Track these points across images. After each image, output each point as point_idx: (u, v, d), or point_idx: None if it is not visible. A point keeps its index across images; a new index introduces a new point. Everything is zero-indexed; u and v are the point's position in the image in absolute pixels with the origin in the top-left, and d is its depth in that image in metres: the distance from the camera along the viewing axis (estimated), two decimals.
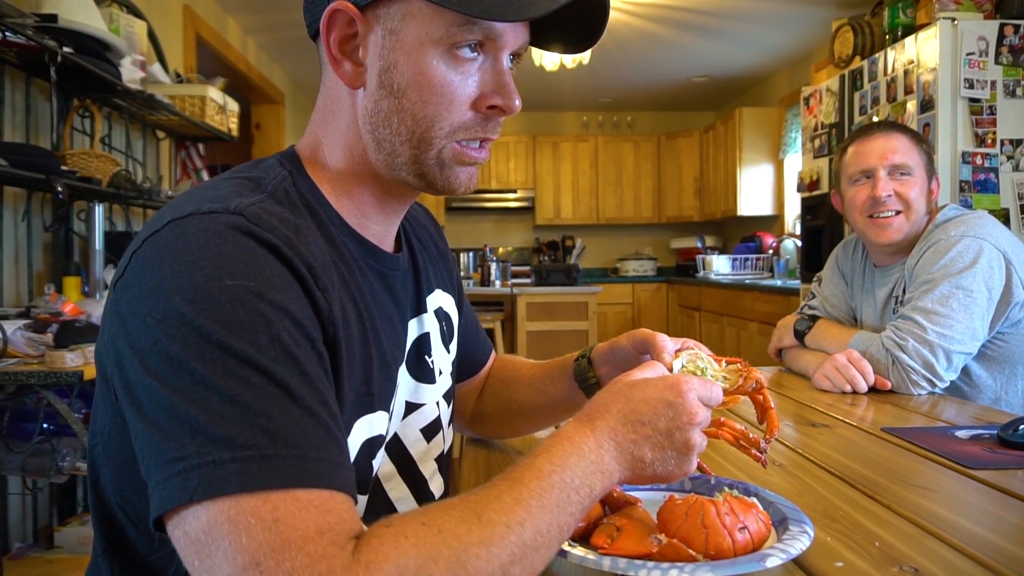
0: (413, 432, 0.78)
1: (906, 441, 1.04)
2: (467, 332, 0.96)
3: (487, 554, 0.50)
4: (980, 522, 0.74)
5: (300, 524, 0.47)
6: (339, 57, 0.67)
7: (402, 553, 0.47)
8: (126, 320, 0.55)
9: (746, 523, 0.61)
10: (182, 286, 0.53)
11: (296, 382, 0.52)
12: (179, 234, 0.56)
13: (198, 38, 3.68)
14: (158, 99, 2.61)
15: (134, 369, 0.54)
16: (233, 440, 0.48)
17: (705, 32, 4.51)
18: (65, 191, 2.03)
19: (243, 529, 0.46)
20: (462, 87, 0.66)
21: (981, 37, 2.58)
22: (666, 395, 0.62)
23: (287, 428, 0.50)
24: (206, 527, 0.47)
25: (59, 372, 1.68)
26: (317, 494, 0.49)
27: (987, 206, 2.57)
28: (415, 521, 0.50)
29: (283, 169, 0.68)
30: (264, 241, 0.56)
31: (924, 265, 1.44)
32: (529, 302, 4.98)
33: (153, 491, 0.50)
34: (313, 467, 0.49)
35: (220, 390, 0.50)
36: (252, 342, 0.52)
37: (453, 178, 0.69)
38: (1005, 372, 1.45)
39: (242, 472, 0.47)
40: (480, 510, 0.52)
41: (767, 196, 5.46)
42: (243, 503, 0.47)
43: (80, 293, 2.26)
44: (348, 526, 0.49)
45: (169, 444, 0.50)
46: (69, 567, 2.00)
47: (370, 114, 0.67)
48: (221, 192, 0.60)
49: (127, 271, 0.58)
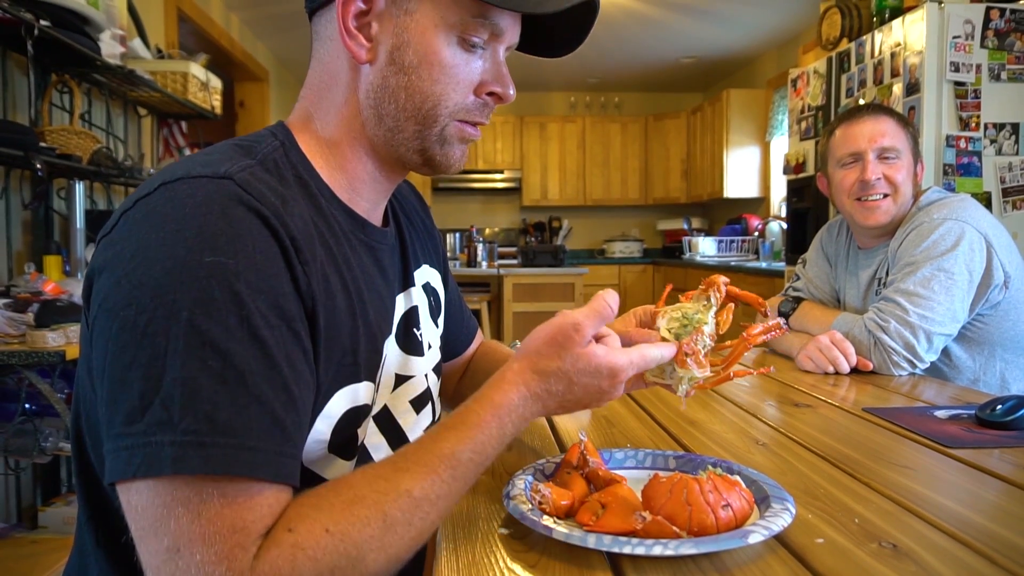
0: (402, 404, 0.79)
1: (886, 421, 1.05)
2: (452, 310, 0.96)
3: (384, 556, 0.55)
4: (957, 499, 0.75)
5: (219, 519, 0.50)
6: (352, 31, 0.68)
7: (297, 570, 0.51)
8: (100, 274, 0.57)
9: (729, 501, 0.62)
10: (163, 255, 0.54)
11: (256, 366, 0.54)
12: (168, 198, 0.57)
13: (180, 13, 3.61)
14: (139, 75, 2.56)
15: (101, 329, 0.55)
16: (176, 424, 0.51)
17: (693, 12, 4.49)
18: (44, 168, 2.00)
19: (173, 516, 0.50)
20: (467, 72, 0.69)
21: (967, 20, 2.59)
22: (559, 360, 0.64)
23: (231, 416, 0.52)
24: (146, 504, 0.51)
25: (40, 352, 1.67)
26: (245, 486, 0.52)
27: (970, 189, 2.60)
28: (319, 527, 0.53)
29: (275, 140, 0.68)
30: (252, 208, 0.57)
31: (907, 247, 1.46)
32: (515, 283, 4.98)
33: (107, 458, 0.53)
34: (247, 457, 0.52)
35: (176, 369, 0.51)
36: (220, 321, 0.53)
37: (451, 154, 0.72)
38: (984, 353, 1.47)
39: (179, 456, 0.50)
40: (386, 506, 0.55)
41: (753, 178, 5.47)
42: (177, 487, 0.50)
43: (61, 272, 2.23)
44: (264, 523, 0.52)
45: (121, 415, 0.52)
46: (54, 547, 1.99)
47: (376, 89, 0.69)
48: (212, 158, 0.61)
49: (115, 230, 0.58)
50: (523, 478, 0.72)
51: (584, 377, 0.64)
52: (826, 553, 0.61)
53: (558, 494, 0.66)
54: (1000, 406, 1.01)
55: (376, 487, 0.56)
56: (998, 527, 0.67)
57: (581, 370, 0.64)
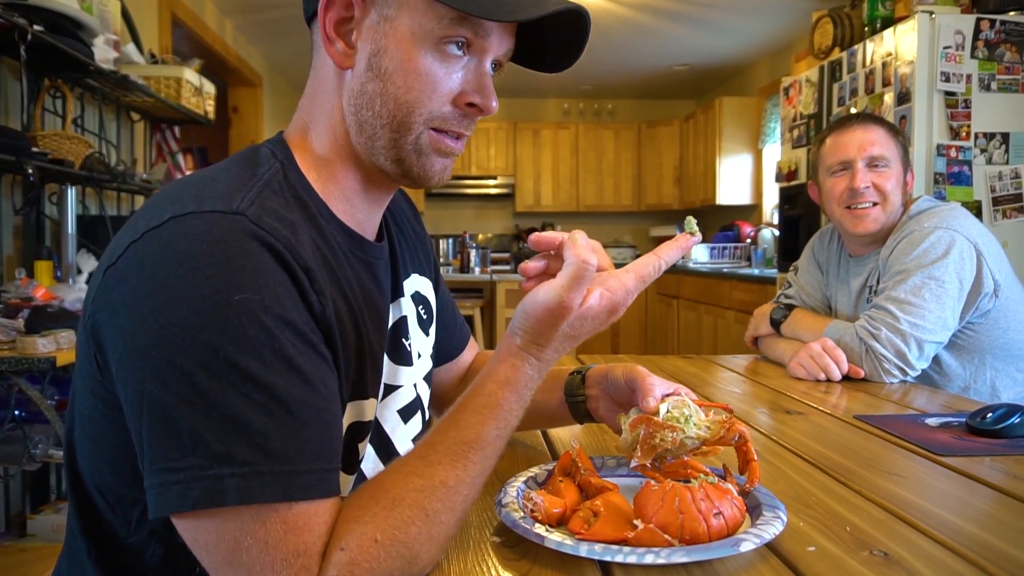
0: (390, 413, 0.80)
1: (878, 428, 1.06)
2: (444, 317, 0.96)
3: (436, 546, 0.58)
4: (948, 507, 0.76)
5: (284, 546, 0.54)
6: (333, 36, 0.69)
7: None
8: (119, 312, 0.57)
9: (721, 509, 0.62)
10: (189, 295, 0.54)
11: (298, 393, 0.56)
12: (182, 234, 0.57)
13: (174, 18, 3.61)
14: (132, 80, 2.55)
15: (132, 368, 0.55)
16: (233, 457, 0.53)
17: (687, 21, 4.51)
18: (36, 173, 1.99)
19: (243, 548, 0.53)
20: (445, 80, 0.68)
21: (958, 31, 2.61)
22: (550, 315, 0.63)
23: (283, 445, 0.54)
24: (216, 538, 0.54)
25: (31, 358, 1.66)
26: (303, 509, 0.55)
27: (960, 198, 2.61)
28: (367, 539, 0.55)
29: (275, 161, 0.68)
30: (266, 244, 0.58)
31: (898, 256, 1.47)
32: (508, 289, 4.98)
33: (151, 491, 0.54)
34: (303, 481, 0.55)
35: (223, 406, 0.53)
36: (257, 357, 0.54)
37: (428, 166, 0.71)
38: (974, 361, 1.48)
39: (240, 487, 0.53)
40: (425, 502, 0.58)
41: (746, 185, 5.50)
42: (242, 518, 0.53)
43: (52, 278, 2.22)
44: (322, 541, 0.55)
45: (168, 451, 0.53)
46: (42, 555, 1.97)
47: (355, 95, 0.69)
48: (220, 187, 0.61)
49: (121, 260, 0.58)
50: (515, 486, 0.72)
51: (587, 323, 0.65)
52: (817, 561, 0.61)
53: (550, 502, 0.66)
54: (991, 414, 1.02)
55: (411, 485, 0.58)
56: (989, 535, 0.67)
57: (582, 322, 0.64)
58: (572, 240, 0.63)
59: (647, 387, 0.75)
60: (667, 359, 1.73)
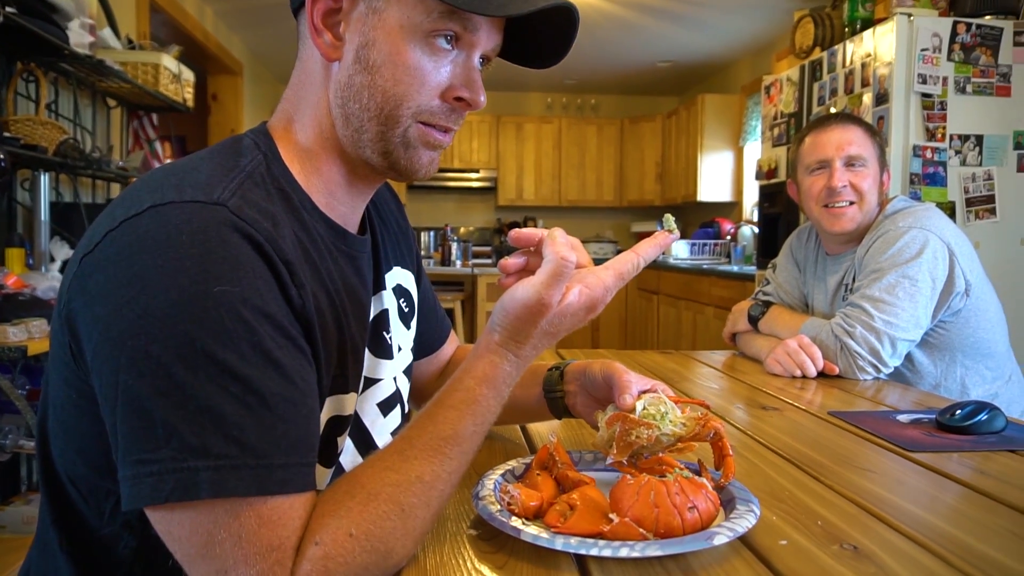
0: (370, 406, 0.79)
1: (851, 424, 1.07)
2: (424, 309, 0.96)
3: (410, 540, 0.58)
4: (917, 502, 0.77)
5: (257, 539, 0.53)
6: (320, 28, 0.68)
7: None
8: (95, 301, 0.56)
9: (695, 503, 0.63)
10: (167, 285, 0.54)
11: (275, 386, 0.55)
12: (161, 223, 0.56)
13: (152, 3, 3.54)
14: (108, 65, 2.51)
15: (107, 358, 0.55)
16: (208, 449, 0.52)
17: (671, 17, 4.53)
18: (7, 159, 1.95)
19: (216, 541, 0.53)
20: (434, 74, 0.68)
21: (935, 34, 2.65)
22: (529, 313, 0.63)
23: (258, 438, 0.54)
24: (189, 531, 0.53)
25: (1, 347, 1.63)
26: (278, 503, 0.54)
27: (935, 199, 2.66)
28: (342, 533, 0.55)
29: (258, 152, 0.68)
30: (246, 235, 0.57)
31: (873, 255, 1.49)
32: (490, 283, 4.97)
33: (124, 482, 0.54)
34: (278, 475, 0.54)
35: (199, 398, 0.52)
36: (235, 349, 0.54)
37: (416, 159, 0.71)
38: (945, 359, 1.51)
39: (214, 480, 0.52)
40: (401, 497, 0.58)
41: (726, 183, 5.54)
42: (216, 511, 0.53)
43: (24, 266, 2.18)
44: (296, 536, 0.55)
45: (142, 442, 0.53)
46: (13, 547, 1.94)
47: (342, 88, 0.69)
48: (200, 177, 0.60)
49: (98, 248, 0.57)
50: (493, 479, 0.73)
51: (566, 320, 0.65)
52: (789, 555, 0.62)
53: (527, 495, 0.67)
54: (959, 411, 1.04)
55: (387, 480, 0.58)
56: (955, 530, 0.69)
57: (560, 320, 0.64)
58: (551, 237, 0.63)
59: (624, 384, 0.76)
60: (646, 354, 1.74)
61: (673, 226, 0.72)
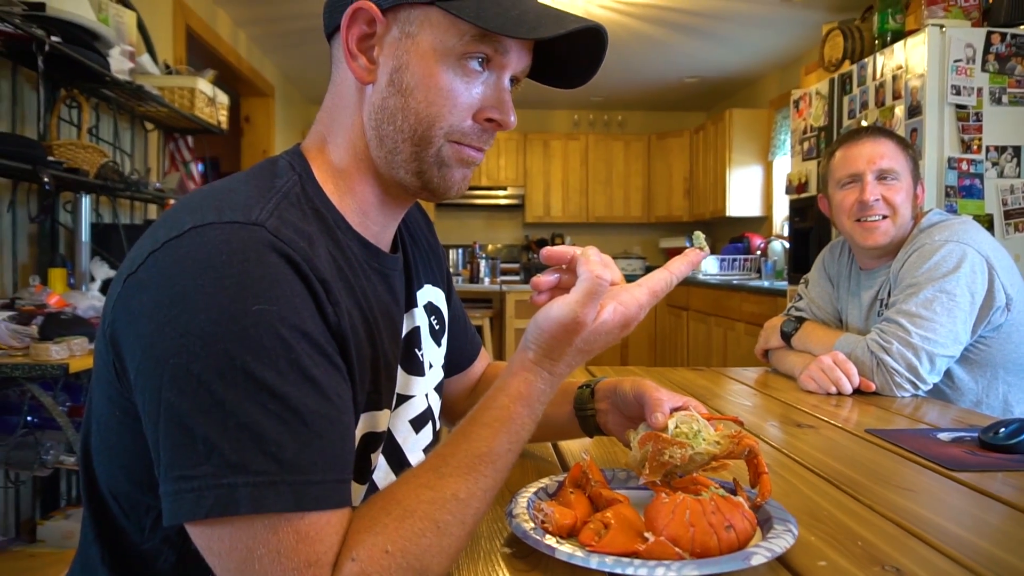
0: (402, 423, 0.80)
1: (889, 442, 1.05)
2: (455, 327, 0.97)
3: (446, 558, 0.58)
4: (960, 523, 0.75)
5: (295, 555, 0.54)
6: (355, 52, 0.69)
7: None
8: (138, 321, 0.58)
9: (732, 522, 0.62)
10: (207, 304, 0.55)
11: (312, 403, 0.56)
12: (201, 243, 0.57)
13: (188, 30, 3.65)
14: (147, 90, 2.59)
15: (150, 375, 0.56)
16: (247, 466, 0.53)
17: (697, 33, 4.53)
18: (51, 182, 2.01)
19: (255, 557, 0.54)
20: (466, 95, 0.69)
21: (968, 44, 2.61)
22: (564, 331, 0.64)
23: (296, 455, 0.55)
24: (228, 547, 0.54)
25: (44, 365, 1.67)
26: (315, 519, 0.55)
27: (972, 211, 2.60)
28: (378, 550, 0.56)
29: (293, 173, 0.69)
30: (284, 255, 0.59)
31: (909, 269, 1.46)
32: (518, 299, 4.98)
33: (165, 498, 0.55)
34: (315, 491, 0.55)
35: (238, 415, 0.54)
36: (273, 367, 0.55)
37: (449, 177, 0.72)
38: (986, 375, 1.47)
39: (253, 496, 0.53)
40: (436, 514, 0.58)
41: (756, 197, 5.49)
42: (255, 527, 0.53)
43: (66, 285, 2.24)
44: (333, 551, 0.56)
45: (183, 458, 0.54)
46: (51, 561, 1.98)
47: (377, 110, 0.70)
48: (239, 198, 0.62)
49: (141, 269, 0.59)
50: (526, 496, 0.72)
51: (600, 338, 0.65)
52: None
53: (561, 513, 0.66)
54: (1003, 429, 1.01)
55: (423, 497, 0.59)
56: (1001, 551, 0.67)
57: (595, 337, 0.65)
58: (585, 255, 0.64)
59: (655, 402, 0.75)
60: (677, 371, 1.73)
61: (704, 243, 0.73)
